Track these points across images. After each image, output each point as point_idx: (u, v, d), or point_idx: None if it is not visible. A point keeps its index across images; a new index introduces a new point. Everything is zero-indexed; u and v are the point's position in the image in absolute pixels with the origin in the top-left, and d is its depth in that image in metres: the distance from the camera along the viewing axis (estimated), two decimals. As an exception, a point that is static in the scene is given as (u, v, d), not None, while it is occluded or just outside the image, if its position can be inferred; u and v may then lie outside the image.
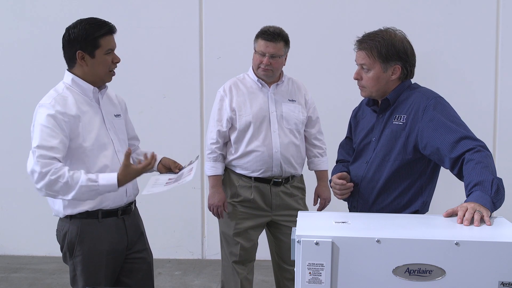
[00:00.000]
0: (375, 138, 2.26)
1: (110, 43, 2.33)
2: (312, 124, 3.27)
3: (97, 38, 2.28)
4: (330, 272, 1.59)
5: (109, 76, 2.38)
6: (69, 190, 2.17)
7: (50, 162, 2.15)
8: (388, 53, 2.15)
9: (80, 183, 2.16)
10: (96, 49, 2.29)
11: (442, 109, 2.11)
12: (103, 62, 2.32)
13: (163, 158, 2.62)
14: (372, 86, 2.21)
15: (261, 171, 3.11)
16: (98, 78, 2.36)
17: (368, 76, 2.20)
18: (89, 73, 2.33)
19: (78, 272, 2.35)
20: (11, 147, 4.84)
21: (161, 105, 4.78)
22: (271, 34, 3.03)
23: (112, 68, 2.37)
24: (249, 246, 3.19)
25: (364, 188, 2.26)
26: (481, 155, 1.94)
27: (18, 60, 4.85)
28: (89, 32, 2.28)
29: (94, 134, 2.32)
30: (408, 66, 2.21)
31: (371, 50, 2.17)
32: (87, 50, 2.29)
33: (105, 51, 2.31)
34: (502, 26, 4.60)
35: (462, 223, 1.70)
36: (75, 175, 2.18)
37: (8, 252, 5.00)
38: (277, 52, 3.05)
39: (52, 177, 2.14)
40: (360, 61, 2.21)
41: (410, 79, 2.27)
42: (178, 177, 2.44)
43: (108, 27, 2.32)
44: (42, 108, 2.25)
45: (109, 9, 4.65)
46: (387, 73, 2.19)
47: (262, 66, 3.06)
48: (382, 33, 2.19)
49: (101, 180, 2.20)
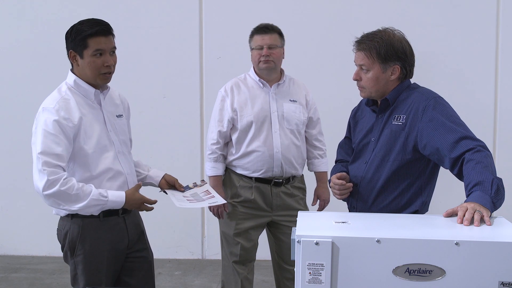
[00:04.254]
0: (374, 138, 2.26)
1: (100, 44, 2.26)
2: (313, 125, 3.27)
3: (85, 38, 2.24)
4: (330, 272, 1.59)
5: (101, 79, 2.32)
6: (78, 202, 2.20)
7: (55, 170, 2.17)
8: (387, 54, 2.15)
9: (91, 196, 2.21)
10: (84, 49, 2.26)
11: (442, 109, 2.11)
12: (91, 64, 2.27)
13: (165, 174, 2.62)
14: (372, 87, 2.21)
15: (261, 172, 3.11)
16: (91, 80, 2.32)
17: (368, 76, 2.20)
18: (82, 74, 2.32)
19: (79, 271, 2.35)
20: (11, 147, 4.85)
21: (161, 105, 4.78)
22: (263, 27, 3.10)
23: (103, 71, 2.30)
24: (249, 246, 3.19)
25: (364, 188, 2.26)
26: (481, 155, 1.94)
27: (18, 61, 4.84)
28: (79, 31, 2.25)
29: (96, 137, 2.32)
30: (407, 66, 2.21)
31: (370, 51, 2.16)
32: (77, 50, 2.27)
33: (92, 51, 2.25)
34: (502, 26, 4.59)
35: (462, 223, 1.70)
36: (85, 187, 2.22)
37: (8, 252, 5.00)
38: (274, 42, 3.08)
39: (62, 188, 2.16)
40: (359, 61, 2.21)
41: (410, 79, 2.27)
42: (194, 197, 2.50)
43: (99, 27, 2.26)
44: (46, 113, 2.24)
45: (109, 9, 4.65)
46: (386, 73, 2.18)
47: (263, 58, 3.08)
48: (381, 33, 2.19)
49: (111, 196, 2.26)
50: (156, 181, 2.61)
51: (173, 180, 2.60)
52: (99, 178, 2.32)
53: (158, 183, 2.60)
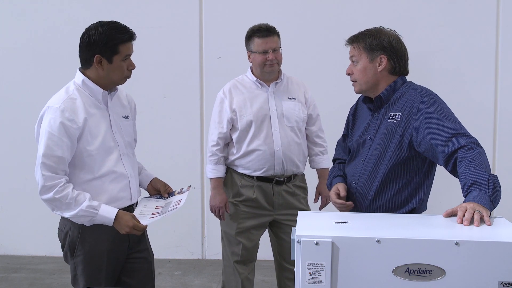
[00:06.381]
0: (370, 137, 2.28)
1: (129, 49, 2.32)
2: (313, 121, 3.28)
3: (117, 44, 2.27)
4: (330, 272, 1.59)
5: (123, 81, 2.38)
6: (69, 210, 2.23)
7: (53, 176, 2.20)
8: (372, 43, 2.22)
9: (81, 207, 2.22)
10: (114, 55, 2.28)
11: (436, 105, 2.13)
12: (119, 68, 2.31)
13: (154, 179, 2.61)
14: (361, 78, 2.25)
15: (263, 170, 3.11)
16: (112, 83, 2.36)
17: (357, 68, 2.26)
18: (104, 77, 2.32)
19: (79, 271, 2.36)
20: (11, 148, 4.85)
21: (161, 105, 4.78)
22: (265, 30, 3.07)
23: (128, 75, 2.36)
24: (250, 246, 3.19)
25: (362, 187, 2.27)
26: (474, 152, 1.95)
27: (18, 61, 4.84)
28: (110, 37, 2.26)
29: (100, 138, 2.32)
30: (395, 59, 2.24)
31: (357, 42, 2.25)
32: (105, 55, 2.28)
33: (123, 57, 2.29)
34: (502, 26, 4.59)
35: (462, 223, 1.70)
36: (79, 197, 2.23)
37: (8, 252, 5.00)
38: (277, 45, 3.09)
39: (57, 195, 2.19)
40: (350, 54, 2.29)
41: (405, 77, 2.29)
42: (165, 207, 2.41)
43: (129, 33, 2.30)
44: (51, 112, 2.25)
45: (109, 9, 4.65)
46: (373, 63, 2.23)
47: (269, 62, 3.07)
48: (370, 29, 2.29)
49: (101, 211, 2.25)
50: (144, 186, 2.61)
51: (158, 186, 2.57)
52: (102, 179, 2.32)
53: (146, 188, 2.61)
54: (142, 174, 2.62)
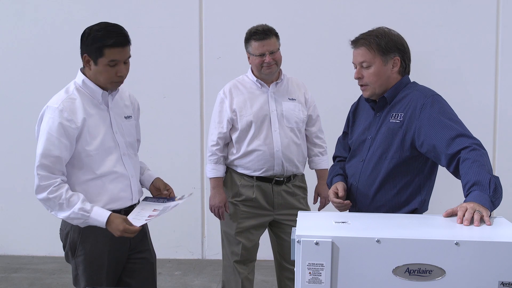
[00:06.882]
0: (371, 136, 2.27)
1: (116, 55, 2.24)
2: (313, 122, 3.28)
3: (102, 47, 2.23)
4: (330, 272, 1.59)
5: (112, 86, 2.32)
6: (62, 211, 2.23)
7: (49, 176, 2.20)
8: (387, 45, 2.18)
9: (73, 209, 2.21)
10: (99, 57, 2.25)
11: (440, 107, 2.12)
12: (104, 72, 2.27)
13: (156, 179, 2.58)
14: (375, 82, 2.21)
15: (262, 170, 3.12)
16: (100, 84, 2.33)
17: (369, 72, 2.21)
18: (93, 78, 2.32)
19: (80, 271, 2.36)
20: (11, 147, 4.85)
21: (161, 105, 4.78)
22: (262, 33, 3.05)
23: (115, 80, 2.30)
24: (250, 246, 3.19)
25: (362, 187, 2.27)
26: (477, 153, 1.95)
27: (18, 61, 4.84)
28: (96, 39, 2.23)
29: (100, 138, 2.31)
30: (406, 59, 2.24)
31: (370, 45, 2.19)
32: (92, 56, 2.27)
33: (107, 61, 2.25)
34: (502, 26, 4.59)
35: (462, 223, 1.70)
36: (72, 198, 2.22)
37: (8, 252, 5.00)
38: (274, 47, 3.06)
39: (50, 195, 2.20)
40: (359, 59, 2.22)
41: (408, 76, 2.29)
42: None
43: (117, 39, 2.24)
44: (50, 112, 2.25)
45: (109, 9, 4.65)
46: (387, 66, 2.20)
47: (266, 65, 3.06)
48: (377, 29, 2.24)
49: (93, 214, 2.23)
50: (146, 186, 2.60)
51: (159, 186, 2.55)
52: (102, 179, 2.32)
53: (148, 188, 2.59)
54: (145, 174, 2.61)
